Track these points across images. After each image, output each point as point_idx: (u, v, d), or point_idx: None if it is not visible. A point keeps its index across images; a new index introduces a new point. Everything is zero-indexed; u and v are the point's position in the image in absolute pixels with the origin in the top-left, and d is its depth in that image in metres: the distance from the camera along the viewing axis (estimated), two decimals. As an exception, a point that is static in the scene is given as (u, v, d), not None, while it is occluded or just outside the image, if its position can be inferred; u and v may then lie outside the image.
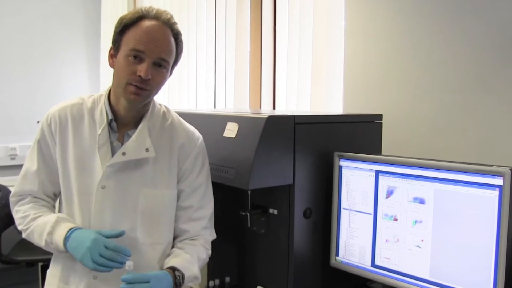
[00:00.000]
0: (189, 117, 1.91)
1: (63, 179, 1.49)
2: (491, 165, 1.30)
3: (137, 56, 1.37)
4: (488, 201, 1.29)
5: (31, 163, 1.52)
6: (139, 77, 1.36)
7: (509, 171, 1.26)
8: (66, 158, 1.48)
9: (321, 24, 2.36)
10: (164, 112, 1.56)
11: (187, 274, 1.44)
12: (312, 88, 2.41)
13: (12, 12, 3.97)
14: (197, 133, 1.58)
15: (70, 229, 1.40)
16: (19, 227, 1.51)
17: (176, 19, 1.49)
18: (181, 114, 1.97)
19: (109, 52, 1.46)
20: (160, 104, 1.57)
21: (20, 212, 1.50)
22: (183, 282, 1.43)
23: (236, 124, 1.59)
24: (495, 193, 1.28)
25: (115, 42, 1.43)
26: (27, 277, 1.40)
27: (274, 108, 2.74)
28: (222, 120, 1.66)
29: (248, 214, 1.74)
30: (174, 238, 1.57)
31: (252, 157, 1.47)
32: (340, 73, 2.26)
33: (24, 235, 1.50)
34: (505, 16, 1.69)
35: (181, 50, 1.49)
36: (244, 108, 2.83)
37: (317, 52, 2.38)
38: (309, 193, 1.63)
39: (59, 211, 1.54)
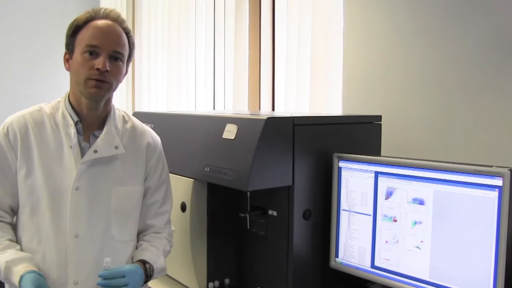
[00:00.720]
0: (189, 118, 1.92)
1: (27, 188, 1.45)
2: (491, 166, 1.30)
3: (92, 52, 1.43)
4: (487, 202, 1.29)
5: None
6: (98, 70, 1.41)
7: (509, 171, 1.26)
8: (30, 166, 1.46)
9: (320, 25, 2.37)
10: (123, 116, 1.61)
11: (155, 266, 1.51)
12: (311, 89, 2.41)
13: (11, 15, 3.97)
14: (156, 134, 1.66)
15: (20, 276, 1.34)
16: None
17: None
18: (180, 116, 1.98)
19: (64, 56, 1.51)
20: (118, 109, 1.61)
21: None
22: (152, 274, 1.50)
23: (235, 126, 1.59)
24: (495, 193, 1.28)
25: (68, 45, 1.49)
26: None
27: (273, 109, 2.74)
28: (221, 121, 1.66)
29: (248, 216, 1.74)
30: (139, 233, 1.62)
31: (251, 159, 1.47)
32: (339, 74, 2.26)
33: None
34: (505, 16, 1.69)
35: (133, 45, 1.54)
36: (243, 109, 2.83)
37: (316, 53, 2.38)
38: (308, 194, 1.63)
39: (20, 225, 1.48)
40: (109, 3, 4.14)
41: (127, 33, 1.50)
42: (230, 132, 1.60)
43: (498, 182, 1.27)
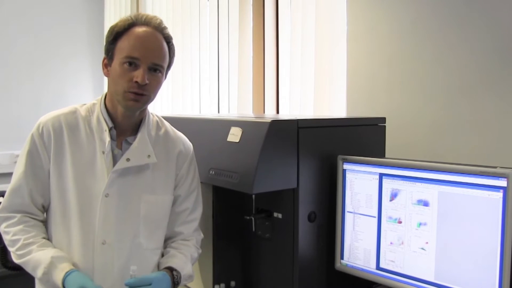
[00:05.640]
0: (193, 122, 1.93)
1: (58, 191, 1.45)
2: (495, 167, 1.30)
3: (132, 63, 1.39)
4: (492, 202, 1.29)
5: (20, 176, 1.47)
6: (136, 83, 1.38)
7: (513, 172, 1.26)
8: (62, 169, 1.45)
9: (324, 28, 2.37)
10: (157, 121, 1.59)
11: (183, 273, 1.49)
12: (315, 92, 2.42)
13: (16, 22, 3.99)
14: (188, 140, 1.64)
15: (65, 273, 1.36)
16: (10, 249, 1.46)
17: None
18: (185, 120, 1.98)
19: (103, 62, 1.48)
20: (152, 114, 1.59)
21: (9, 234, 1.45)
22: (180, 281, 1.48)
23: (240, 129, 1.60)
24: (499, 194, 1.28)
25: (108, 51, 1.45)
26: (33, 283, 1.41)
27: (277, 112, 2.75)
28: (226, 124, 1.67)
29: (253, 218, 1.75)
30: (167, 239, 1.61)
31: (256, 162, 1.48)
32: (343, 76, 2.26)
33: (15, 260, 1.45)
34: (508, 18, 1.69)
35: (174, 54, 1.50)
36: (247, 112, 2.84)
37: (319, 56, 2.39)
38: (313, 196, 1.64)
39: (51, 225, 1.49)
40: (113, 7, 4.17)
41: (168, 42, 1.46)
42: (234, 135, 1.61)
43: (503, 183, 1.27)
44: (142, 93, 1.40)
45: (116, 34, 1.42)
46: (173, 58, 1.50)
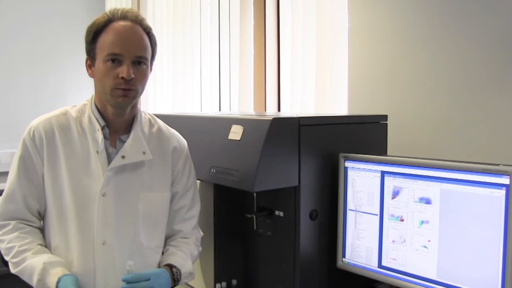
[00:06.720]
0: (194, 120, 1.92)
1: (54, 193, 1.44)
2: (498, 164, 1.30)
3: (115, 60, 1.38)
4: (495, 200, 1.28)
5: (13, 181, 1.45)
6: (122, 79, 1.37)
7: (516, 170, 1.25)
8: (56, 171, 1.44)
9: (325, 25, 2.37)
10: (149, 119, 1.59)
11: (183, 271, 1.49)
12: (317, 89, 2.41)
13: (16, 20, 4.00)
14: (182, 137, 1.64)
15: (58, 278, 1.34)
16: (6, 258, 1.44)
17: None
18: (186, 118, 1.98)
19: (86, 63, 1.47)
20: (144, 112, 1.58)
21: (4, 242, 1.43)
22: (180, 278, 1.48)
23: (241, 127, 1.60)
24: (502, 192, 1.27)
25: (89, 52, 1.44)
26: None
27: (279, 110, 2.74)
28: (227, 122, 1.66)
29: (254, 217, 1.75)
30: (166, 238, 1.60)
31: (257, 160, 1.48)
32: (345, 74, 2.26)
33: (12, 271, 1.43)
34: (511, 15, 1.68)
35: (155, 44, 1.48)
36: (249, 110, 2.83)
37: (321, 53, 2.38)
38: (314, 194, 1.63)
39: (49, 231, 1.47)
40: (114, 5, 4.16)
41: (148, 33, 1.44)
42: (235, 133, 1.60)
43: (505, 180, 1.26)
44: (130, 88, 1.40)
45: (95, 33, 1.42)
46: (156, 48, 1.49)
